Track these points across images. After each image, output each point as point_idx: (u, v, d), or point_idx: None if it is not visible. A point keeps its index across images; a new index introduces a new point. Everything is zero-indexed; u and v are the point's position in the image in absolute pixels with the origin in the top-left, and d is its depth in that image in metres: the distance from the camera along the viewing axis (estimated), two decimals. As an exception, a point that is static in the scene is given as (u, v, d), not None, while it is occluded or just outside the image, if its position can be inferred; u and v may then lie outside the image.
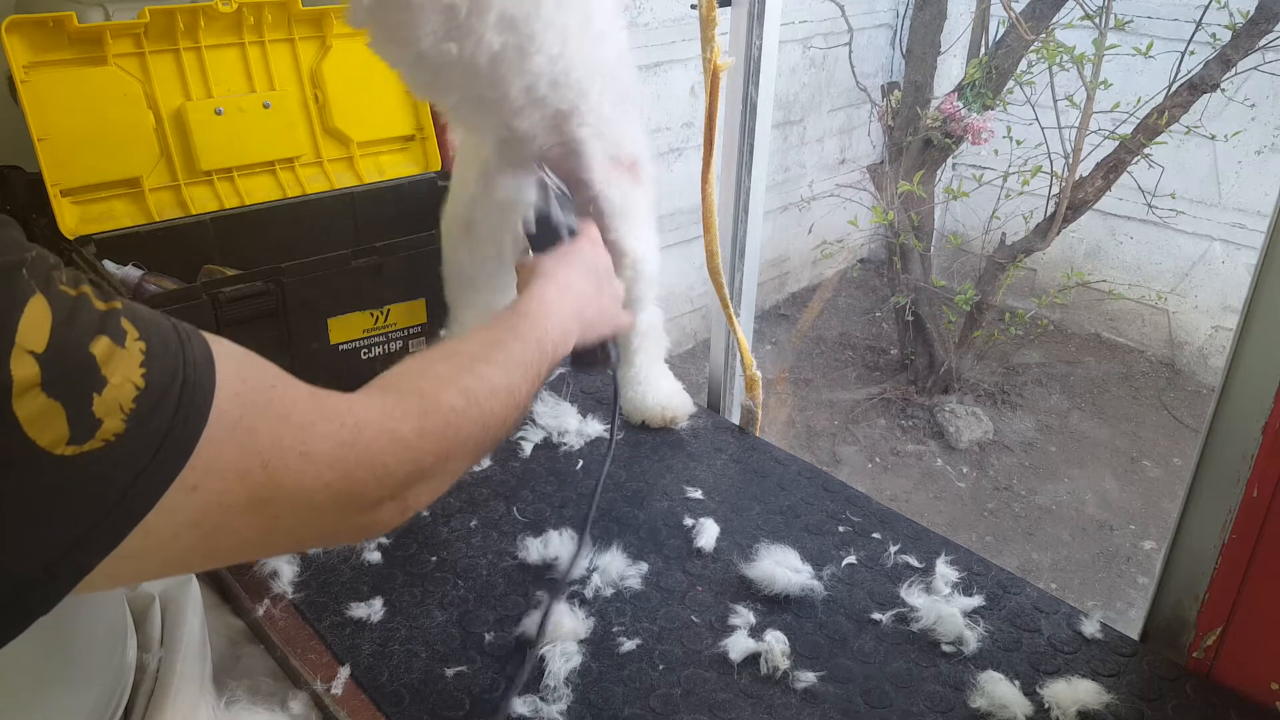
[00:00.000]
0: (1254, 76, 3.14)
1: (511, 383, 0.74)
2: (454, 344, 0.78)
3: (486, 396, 0.70)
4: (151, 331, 0.49)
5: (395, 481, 0.61)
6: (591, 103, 1.08)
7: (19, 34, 1.22)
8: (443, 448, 0.65)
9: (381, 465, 0.60)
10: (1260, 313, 0.82)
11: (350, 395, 0.62)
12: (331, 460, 0.57)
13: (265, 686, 0.92)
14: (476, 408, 0.69)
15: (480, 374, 0.71)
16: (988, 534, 3.08)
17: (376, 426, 0.60)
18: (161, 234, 1.35)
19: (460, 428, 0.67)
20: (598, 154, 1.13)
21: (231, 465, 0.52)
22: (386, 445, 0.61)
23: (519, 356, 0.77)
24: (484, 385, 0.70)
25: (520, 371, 0.76)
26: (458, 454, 0.67)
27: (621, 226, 1.18)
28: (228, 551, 0.56)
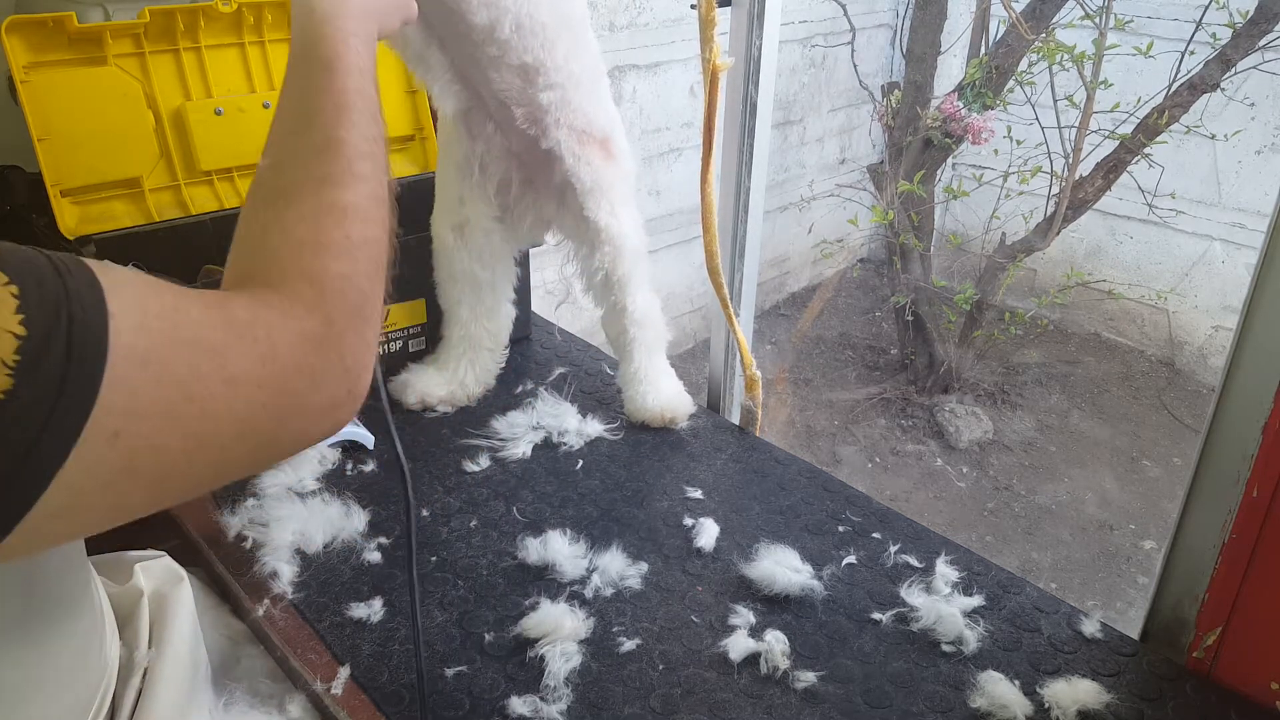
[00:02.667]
0: (1254, 76, 3.14)
1: (372, 187, 0.65)
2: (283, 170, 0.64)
3: (361, 230, 0.63)
4: (23, 272, 0.44)
5: (331, 377, 0.58)
6: (558, 60, 1.09)
7: (19, 34, 1.22)
8: (354, 315, 0.60)
9: (309, 368, 0.56)
10: (1260, 313, 0.82)
11: (244, 300, 0.56)
12: (258, 379, 0.53)
13: (264, 688, 0.92)
14: (359, 253, 0.62)
15: (341, 205, 0.62)
16: (988, 534, 3.08)
17: (286, 332, 0.55)
18: (161, 234, 1.35)
19: (358, 285, 0.61)
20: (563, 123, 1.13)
21: (153, 403, 0.48)
22: (305, 347, 0.56)
23: (359, 144, 0.65)
24: (353, 217, 0.62)
25: (370, 161, 0.65)
26: (368, 309, 0.62)
27: (594, 204, 1.19)
28: (184, 489, 0.53)
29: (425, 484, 1.18)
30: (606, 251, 1.22)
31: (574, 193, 1.20)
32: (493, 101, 1.14)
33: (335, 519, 1.08)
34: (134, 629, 0.83)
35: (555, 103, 1.12)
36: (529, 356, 1.49)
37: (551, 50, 1.09)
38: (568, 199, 1.22)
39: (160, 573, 0.91)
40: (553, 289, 2.92)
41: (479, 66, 1.09)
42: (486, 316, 1.34)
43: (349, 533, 1.07)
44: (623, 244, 1.22)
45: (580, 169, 1.17)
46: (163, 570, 0.92)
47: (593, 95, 1.17)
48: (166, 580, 0.91)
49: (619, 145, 1.21)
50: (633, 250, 1.24)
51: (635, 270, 1.25)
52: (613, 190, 1.20)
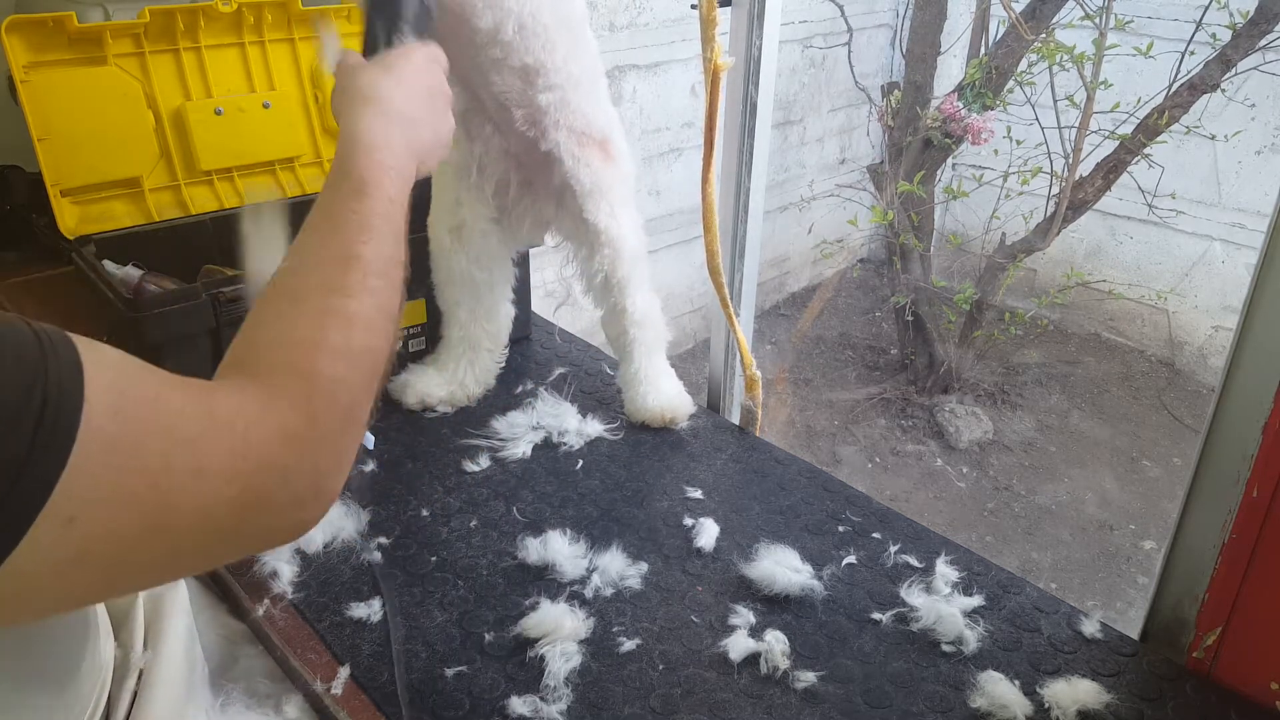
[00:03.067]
0: (1254, 76, 3.14)
1: (382, 302, 0.65)
2: (298, 275, 0.66)
3: (363, 339, 0.62)
4: (2, 345, 0.43)
5: (303, 478, 0.57)
6: (559, 61, 1.10)
7: (19, 34, 1.22)
8: (338, 422, 0.59)
9: (281, 467, 0.55)
10: (1260, 313, 0.82)
11: (228, 391, 0.56)
12: (228, 475, 0.52)
13: (262, 688, 0.92)
14: (358, 360, 0.62)
15: (347, 314, 0.62)
16: (988, 534, 3.08)
17: (264, 426, 0.55)
18: (161, 234, 1.35)
19: (349, 391, 0.61)
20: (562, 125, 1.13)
21: (114, 491, 0.46)
22: (281, 445, 0.55)
23: (375, 261, 0.66)
24: (357, 326, 0.62)
25: (385, 278, 0.66)
26: (355, 415, 0.62)
27: (593, 205, 1.19)
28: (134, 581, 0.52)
29: (425, 484, 1.18)
30: (606, 253, 1.22)
31: (573, 194, 1.20)
32: (491, 103, 1.14)
33: (336, 519, 1.08)
34: (130, 630, 0.83)
35: (555, 104, 1.12)
36: (529, 356, 1.49)
37: (552, 51, 1.09)
38: (566, 201, 1.22)
39: None
40: (553, 290, 2.93)
41: (479, 69, 1.09)
42: (485, 317, 1.34)
43: (349, 533, 1.07)
44: (622, 245, 1.22)
45: (579, 170, 1.17)
46: None
47: (592, 96, 1.17)
48: None
49: (618, 146, 1.21)
50: (632, 252, 1.24)
51: (635, 271, 1.25)
52: (612, 192, 1.20)
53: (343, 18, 1.48)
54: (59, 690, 0.68)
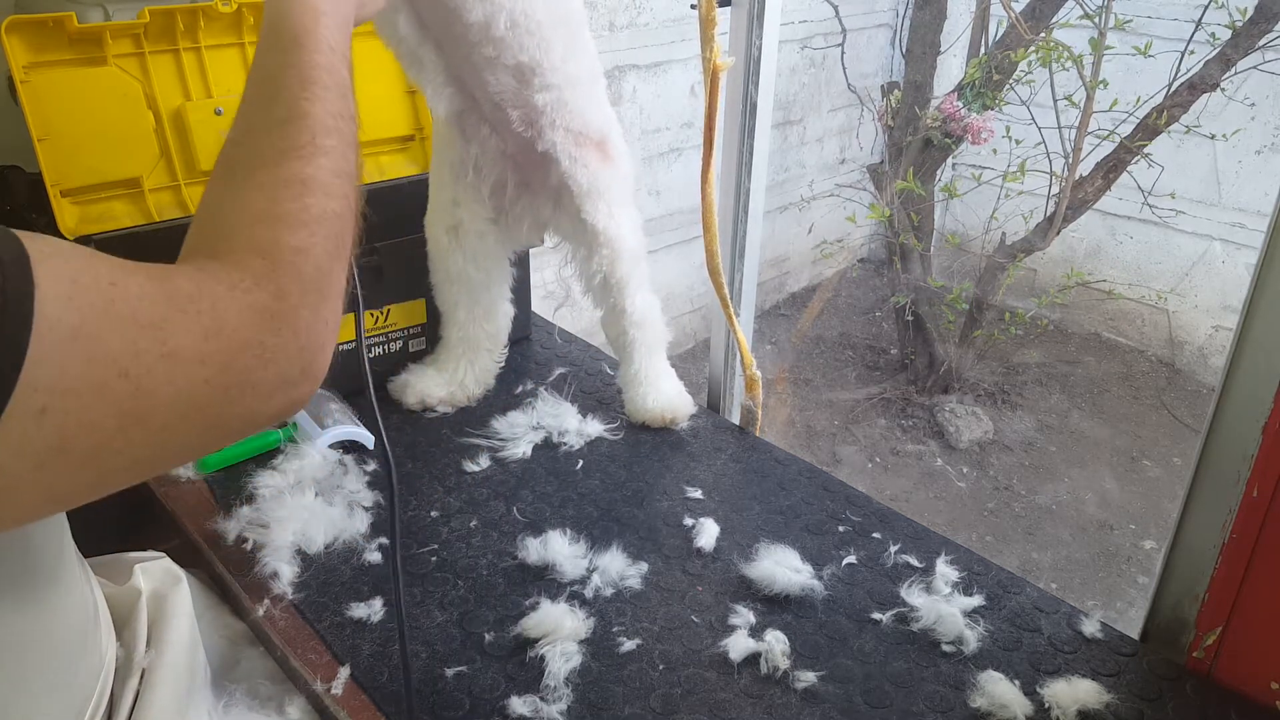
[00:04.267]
0: (1254, 76, 3.14)
1: (336, 161, 0.62)
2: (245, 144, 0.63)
3: (321, 203, 0.60)
4: None
5: (283, 353, 0.55)
6: (555, 60, 1.09)
7: (19, 34, 1.22)
8: (308, 293, 0.57)
9: (258, 344, 0.54)
10: (1260, 313, 0.82)
11: (191, 272, 0.54)
12: (201, 355, 0.50)
13: (264, 689, 0.92)
14: (318, 226, 0.59)
15: (300, 178, 0.60)
16: (988, 534, 3.08)
17: (232, 304, 0.53)
18: (161, 234, 1.35)
19: (314, 260, 0.58)
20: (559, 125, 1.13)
21: (82, 380, 0.46)
22: (253, 321, 0.54)
23: (324, 118, 0.63)
24: (313, 192, 0.60)
25: (336, 136, 0.63)
26: (326, 285, 0.59)
27: (591, 206, 1.19)
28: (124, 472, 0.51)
29: (425, 484, 1.18)
30: (604, 254, 1.22)
31: (570, 195, 1.19)
32: (487, 104, 1.14)
33: (336, 519, 1.08)
34: (132, 630, 0.83)
35: (551, 104, 1.12)
36: (529, 356, 1.49)
37: (548, 50, 1.08)
38: (564, 201, 1.22)
39: (159, 573, 0.91)
40: (552, 291, 2.93)
41: (474, 68, 1.09)
42: (484, 318, 1.34)
43: (350, 533, 1.07)
44: (620, 246, 1.22)
45: (577, 171, 1.17)
46: (161, 571, 0.92)
47: (589, 96, 1.16)
48: (165, 581, 0.90)
49: (616, 147, 1.21)
50: (631, 252, 1.24)
51: (634, 272, 1.25)
52: (610, 192, 1.20)
53: None
54: (60, 688, 0.68)
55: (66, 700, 0.69)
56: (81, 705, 0.70)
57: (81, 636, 0.72)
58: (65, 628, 0.69)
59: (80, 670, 0.71)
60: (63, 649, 0.68)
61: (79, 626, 0.71)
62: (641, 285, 1.27)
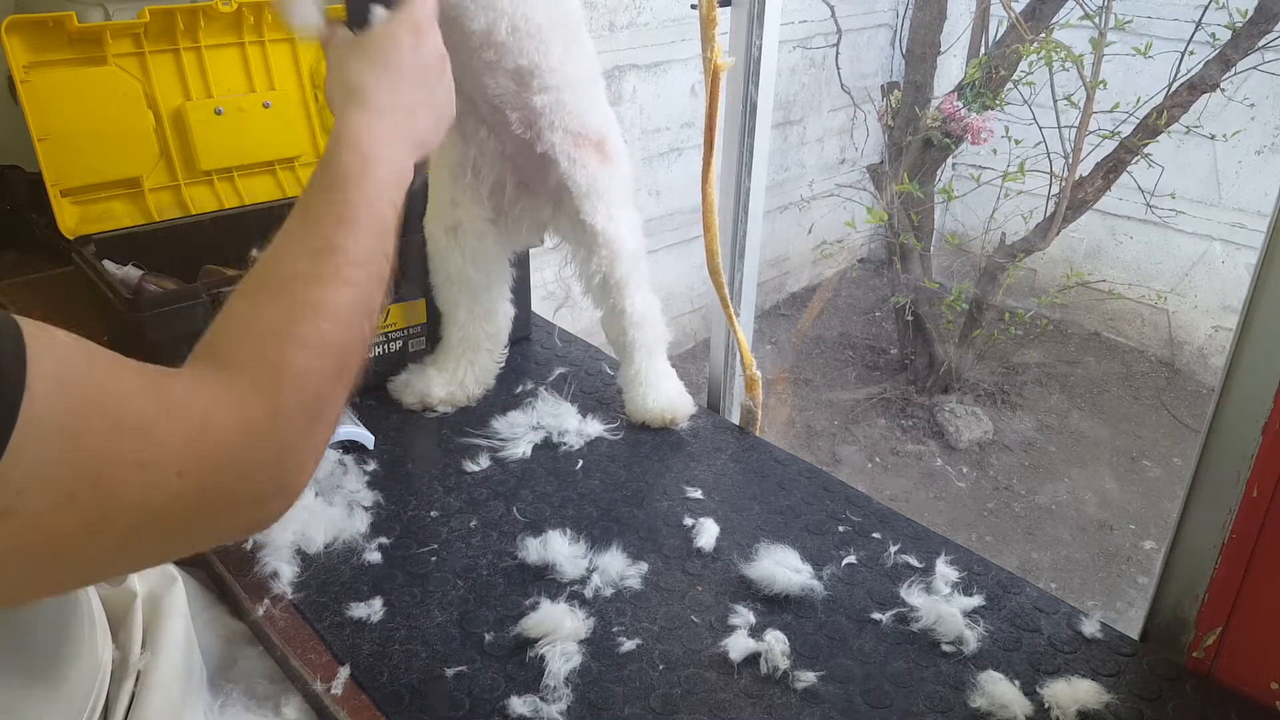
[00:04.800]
0: (1254, 76, 3.14)
1: (359, 295, 0.63)
2: (273, 266, 0.64)
3: (336, 332, 0.60)
4: None
5: (264, 472, 0.54)
6: (553, 62, 1.09)
7: (19, 34, 1.22)
8: (304, 415, 0.57)
9: (239, 462, 0.53)
10: (1260, 313, 0.82)
11: (189, 377, 0.54)
12: (178, 466, 0.49)
13: (261, 689, 0.92)
14: (328, 353, 0.59)
15: (321, 304, 0.60)
16: (988, 534, 3.08)
17: (223, 416, 0.52)
18: (161, 234, 1.35)
19: (318, 385, 0.58)
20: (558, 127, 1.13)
21: (53, 482, 0.44)
22: (241, 438, 0.53)
23: (354, 253, 0.63)
24: (331, 318, 0.60)
25: (364, 271, 0.64)
26: (324, 410, 0.59)
27: (590, 206, 1.19)
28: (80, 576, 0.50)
29: (425, 484, 1.18)
30: (603, 254, 1.22)
31: (569, 196, 1.19)
32: (485, 106, 1.14)
33: (337, 519, 1.08)
34: (128, 631, 0.83)
35: (550, 106, 1.12)
36: (529, 356, 1.49)
37: (547, 53, 1.08)
38: (563, 202, 1.22)
39: (154, 574, 0.91)
40: (552, 291, 2.93)
41: (472, 72, 1.09)
42: (484, 318, 1.34)
43: (350, 533, 1.07)
44: (620, 247, 1.22)
45: (576, 172, 1.17)
46: (157, 571, 0.91)
47: (588, 97, 1.16)
48: (160, 581, 0.90)
49: (615, 147, 1.21)
50: (630, 253, 1.24)
51: (633, 272, 1.25)
52: (609, 192, 1.20)
53: (343, 18, 1.48)
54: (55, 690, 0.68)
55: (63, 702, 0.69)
56: (78, 707, 0.70)
57: (77, 638, 0.71)
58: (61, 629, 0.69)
59: (76, 672, 0.71)
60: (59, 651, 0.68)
61: (75, 628, 0.71)
62: (641, 285, 1.27)
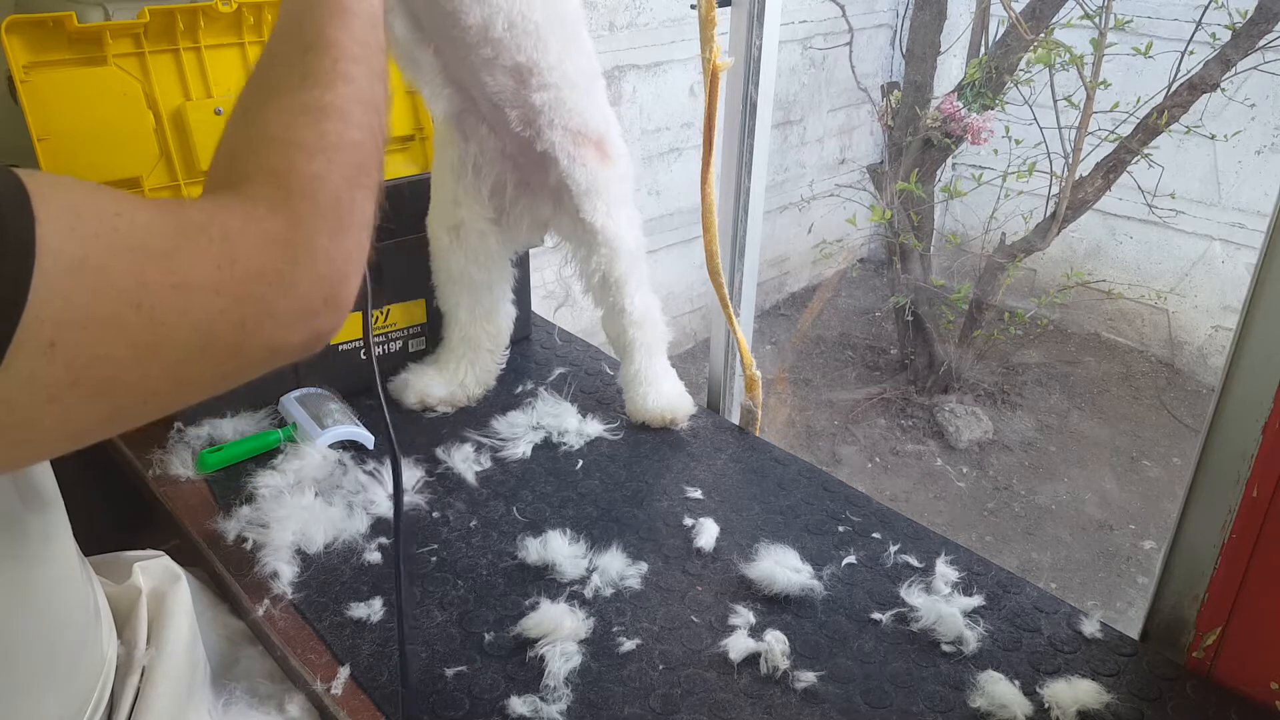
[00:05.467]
0: (1254, 76, 3.14)
1: (359, 90, 0.60)
2: (267, 72, 0.62)
3: (341, 131, 0.58)
4: None
5: (303, 281, 0.54)
6: (552, 60, 1.09)
7: (19, 34, 1.22)
8: (325, 221, 0.56)
9: (275, 272, 0.52)
10: (1260, 313, 0.82)
11: (203, 202, 0.53)
12: (215, 285, 0.49)
13: (263, 688, 0.92)
14: (336, 154, 0.58)
15: (319, 107, 0.58)
16: (988, 534, 3.08)
17: (245, 233, 0.52)
18: (161, 234, 1.35)
19: (331, 188, 0.57)
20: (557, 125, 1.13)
21: (91, 312, 0.45)
22: (268, 249, 0.52)
23: (350, 46, 0.61)
24: (333, 119, 0.58)
25: (362, 66, 0.61)
26: (346, 214, 0.57)
27: (590, 205, 1.19)
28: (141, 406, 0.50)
29: (425, 484, 1.18)
30: (603, 253, 1.22)
31: (570, 194, 1.19)
32: (485, 104, 1.14)
33: (336, 519, 1.08)
34: (133, 628, 0.83)
35: (549, 104, 1.12)
36: (529, 356, 1.49)
37: (545, 50, 1.08)
38: (563, 201, 1.22)
39: (159, 572, 0.91)
40: (553, 291, 2.93)
41: (471, 69, 1.09)
42: (485, 318, 1.34)
43: (350, 533, 1.07)
44: (619, 245, 1.22)
45: (575, 170, 1.17)
46: (161, 570, 0.92)
47: (588, 96, 1.16)
48: (165, 580, 0.90)
49: (615, 146, 1.21)
50: (630, 251, 1.24)
51: (633, 271, 1.25)
52: (609, 191, 1.20)
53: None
54: (62, 686, 0.68)
55: (68, 697, 0.69)
56: (83, 703, 0.70)
57: (83, 634, 0.72)
58: (67, 625, 0.69)
59: (82, 668, 0.71)
60: (65, 647, 0.69)
61: (81, 624, 0.71)
62: (641, 284, 1.27)
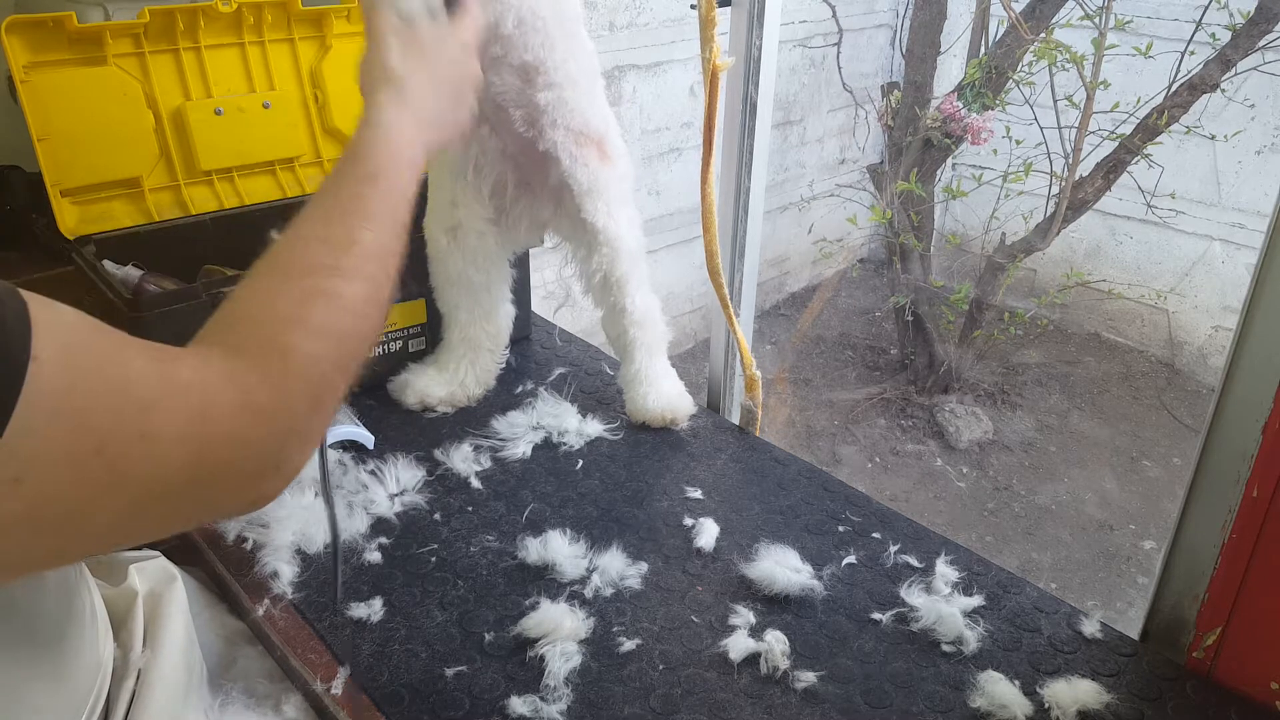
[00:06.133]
0: (1254, 76, 3.14)
1: (372, 289, 0.64)
2: (292, 252, 0.64)
3: (347, 323, 0.61)
4: None
5: (264, 451, 0.56)
6: (558, 59, 1.10)
7: (19, 34, 1.22)
8: (308, 399, 0.58)
9: (241, 440, 0.54)
10: (1260, 313, 0.82)
11: (195, 358, 0.55)
12: (181, 439, 0.51)
13: (261, 688, 0.92)
14: (337, 342, 0.60)
15: (336, 295, 0.61)
16: (988, 534, 3.08)
17: (228, 399, 0.53)
18: (161, 234, 1.35)
19: (323, 371, 0.59)
20: (560, 124, 1.14)
21: (62, 452, 0.46)
22: (244, 419, 0.54)
23: (374, 248, 0.65)
24: (343, 309, 0.61)
25: (380, 266, 0.65)
26: (327, 397, 0.60)
27: (590, 205, 1.19)
28: (85, 546, 0.52)
29: (425, 484, 1.18)
30: (604, 253, 1.22)
31: (570, 194, 1.20)
32: (489, 104, 1.14)
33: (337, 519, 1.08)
34: (129, 630, 0.83)
35: (553, 103, 1.12)
36: (529, 356, 1.49)
37: (551, 49, 1.09)
38: (564, 201, 1.22)
39: (155, 573, 0.91)
40: (553, 291, 2.93)
41: None
42: (485, 318, 1.34)
43: (349, 533, 1.07)
44: (620, 245, 1.23)
45: (577, 170, 1.17)
46: (157, 570, 0.92)
47: (589, 96, 1.17)
48: (161, 580, 0.90)
49: (615, 146, 1.21)
50: (630, 251, 1.24)
51: (634, 271, 1.25)
52: (609, 191, 1.20)
53: (342, 18, 1.48)
54: (58, 688, 0.68)
55: (65, 700, 0.69)
56: (79, 705, 0.70)
57: (79, 636, 0.72)
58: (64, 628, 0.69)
59: (79, 670, 0.71)
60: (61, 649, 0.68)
61: (77, 626, 0.71)
62: (642, 284, 1.27)
